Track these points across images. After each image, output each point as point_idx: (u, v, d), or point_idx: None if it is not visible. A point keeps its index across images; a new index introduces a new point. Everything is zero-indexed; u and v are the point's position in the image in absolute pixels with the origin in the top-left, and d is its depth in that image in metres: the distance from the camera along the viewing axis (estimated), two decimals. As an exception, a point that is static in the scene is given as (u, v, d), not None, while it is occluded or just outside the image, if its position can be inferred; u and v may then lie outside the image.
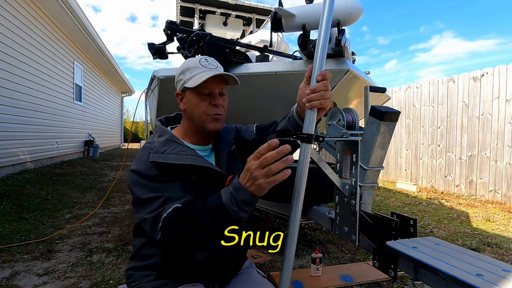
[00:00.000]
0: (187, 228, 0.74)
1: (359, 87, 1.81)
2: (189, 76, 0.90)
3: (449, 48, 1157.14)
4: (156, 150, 0.86)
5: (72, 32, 7.19)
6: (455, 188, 4.85)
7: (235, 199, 0.70)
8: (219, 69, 0.94)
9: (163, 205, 0.78)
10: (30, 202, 3.53)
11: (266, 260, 2.15)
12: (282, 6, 1.45)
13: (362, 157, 1.39)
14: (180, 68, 0.95)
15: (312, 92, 0.79)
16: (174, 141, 0.90)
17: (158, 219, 0.76)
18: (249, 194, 0.69)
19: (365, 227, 0.98)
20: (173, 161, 0.83)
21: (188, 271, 0.88)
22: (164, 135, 0.92)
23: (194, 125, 0.94)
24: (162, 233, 0.76)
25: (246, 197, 0.69)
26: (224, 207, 0.71)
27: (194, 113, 0.92)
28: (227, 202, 0.71)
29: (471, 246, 2.53)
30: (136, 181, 0.84)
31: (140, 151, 0.91)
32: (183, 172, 0.84)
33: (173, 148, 0.87)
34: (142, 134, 21.64)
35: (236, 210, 0.70)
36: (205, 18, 4.53)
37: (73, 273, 1.92)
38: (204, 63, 0.92)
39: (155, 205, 0.78)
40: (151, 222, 0.78)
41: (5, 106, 4.75)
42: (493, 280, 0.67)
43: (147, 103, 3.50)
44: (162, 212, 0.76)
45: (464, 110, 4.75)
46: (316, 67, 0.80)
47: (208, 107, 0.90)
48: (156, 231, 0.76)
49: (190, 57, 1.01)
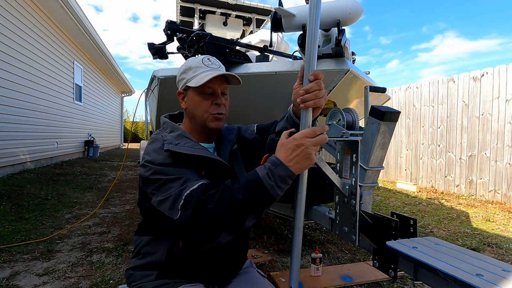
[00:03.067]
0: (215, 206, 0.72)
1: (359, 87, 1.81)
2: (192, 75, 0.91)
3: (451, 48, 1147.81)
4: (170, 142, 0.86)
5: (72, 32, 7.19)
6: (455, 188, 4.85)
7: (273, 174, 0.71)
8: (222, 69, 0.94)
9: (184, 184, 0.77)
10: (30, 202, 3.54)
11: (266, 260, 2.15)
12: (282, 6, 1.45)
13: (362, 157, 1.39)
14: (182, 67, 0.95)
15: (306, 92, 0.79)
16: (186, 136, 0.90)
17: (179, 197, 0.74)
18: (288, 170, 0.71)
19: (365, 227, 0.98)
20: (187, 152, 0.83)
21: (189, 271, 0.89)
22: (176, 130, 0.92)
23: (196, 123, 0.94)
24: (182, 211, 0.73)
25: (285, 173, 0.71)
26: (261, 181, 0.71)
27: (196, 112, 0.92)
28: (265, 177, 0.71)
29: (471, 246, 2.53)
30: (154, 170, 0.82)
31: (151, 143, 0.90)
32: (193, 164, 0.84)
33: (185, 142, 0.87)
34: (142, 134, 21.64)
35: (273, 185, 0.71)
36: (205, 18, 4.53)
37: (73, 273, 1.92)
38: (206, 62, 0.93)
39: (176, 185, 0.77)
40: (171, 201, 0.75)
41: (5, 106, 4.75)
42: (493, 280, 0.67)
43: (147, 103, 3.50)
44: (184, 190, 0.75)
45: (464, 110, 4.75)
46: (308, 67, 0.80)
47: (210, 106, 0.91)
48: (175, 210, 0.74)
49: (191, 57, 1.00)
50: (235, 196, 0.72)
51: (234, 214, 0.72)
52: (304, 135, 0.74)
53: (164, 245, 0.88)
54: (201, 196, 0.74)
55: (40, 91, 5.99)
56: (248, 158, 1.06)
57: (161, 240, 0.89)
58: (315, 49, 0.80)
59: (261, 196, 0.72)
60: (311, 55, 0.80)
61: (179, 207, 0.74)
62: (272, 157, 0.74)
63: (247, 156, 1.06)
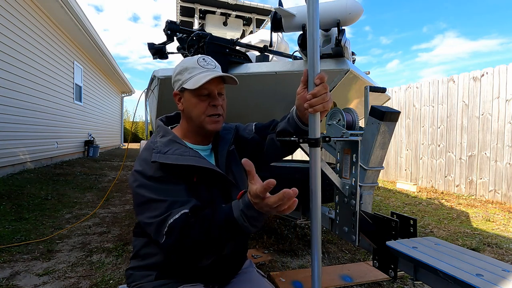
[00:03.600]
0: (196, 236, 0.74)
1: (359, 87, 1.81)
2: (187, 77, 0.89)
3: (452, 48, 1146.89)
4: (158, 150, 0.85)
5: (72, 32, 7.19)
6: (455, 188, 4.85)
7: (246, 216, 0.71)
8: (218, 69, 0.93)
9: (169, 209, 0.77)
10: (30, 202, 3.53)
11: (266, 260, 2.15)
12: (282, 6, 1.45)
13: (362, 157, 1.39)
14: (177, 68, 0.93)
15: (313, 96, 0.78)
16: (177, 142, 0.89)
17: (163, 224, 0.76)
18: (259, 213, 0.71)
19: (365, 227, 0.98)
20: (174, 162, 0.82)
21: (188, 272, 0.88)
22: (167, 135, 0.91)
23: (193, 125, 0.93)
24: (167, 237, 0.75)
25: (257, 215, 0.71)
26: (235, 222, 0.72)
27: (193, 114, 0.91)
28: (239, 218, 0.72)
29: (471, 246, 2.53)
30: (141, 183, 0.83)
31: (143, 151, 0.90)
32: (184, 173, 0.84)
33: (175, 148, 0.86)
34: (142, 134, 21.64)
35: (247, 226, 0.72)
36: (205, 18, 4.53)
37: (73, 273, 1.92)
38: (202, 63, 0.91)
39: (161, 209, 0.78)
40: (156, 226, 0.77)
41: (5, 106, 4.75)
42: (493, 280, 0.67)
43: (147, 103, 3.50)
44: (168, 217, 0.76)
45: (464, 110, 4.75)
46: (312, 71, 0.80)
47: (207, 108, 0.90)
48: (161, 235, 0.76)
49: (185, 58, 0.99)
50: (213, 233, 0.74)
51: (213, 246, 0.75)
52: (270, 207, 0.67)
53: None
54: (182, 226, 0.75)
55: (40, 91, 5.98)
56: (247, 158, 1.05)
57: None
58: (317, 52, 0.80)
59: (237, 232, 0.74)
60: (314, 58, 0.79)
61: (164, 232, 0.76)
62: (246, 197, 0.72)
63: (246, 156, 1.05)
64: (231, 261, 0.96)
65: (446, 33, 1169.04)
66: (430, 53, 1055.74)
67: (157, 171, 0.82)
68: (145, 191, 0.81)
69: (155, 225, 0.77)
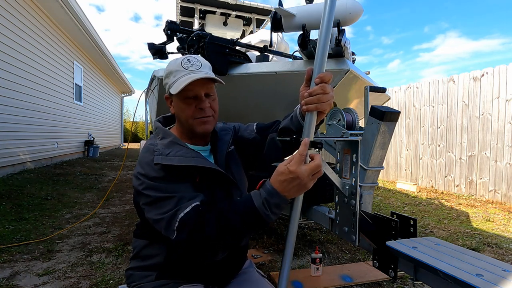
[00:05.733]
0: (211, 229, 0.73)
1: (359, 87, 1.81)
2: (172, 81, 0.88)
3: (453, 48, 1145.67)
4: (160, 152, 0.84)
5: (72, 32, 7.19)
6: (455, 188, 4.85)
7: (269, 204, 0.71)
8: (203, 69, 0.89)
9: (178, 204, 0.77)
10: (30, 202, 3.53)
11: (266, 260, 2.15)
12: (282, 6, 1.45)
13: (362, 157, 1.39)
14: (165, 71, 0.92)
15: (309, 95, 0.78)
16: (178, 143, 0.88)
17: (174, 219, 0.75)
18: (284, 199, 0.72)
19: (365, 227, 0.98)
20: (178, 163, 0.82)
21: (189, 272, 0.88)
22: (167, 137, 0.90)
23: (184, 128, 0.93)
24: (178, 233, 0.74)
25: (281, 201, 0.72)
26: (257, 211, 0.72)
27: (181, 117, 0.91)
28: (260, 207, 0.72)
29: (471, 246, 2.53)
30: (147, 185, 0.82)
31: (144, 153, 0.89)
32: (186, 174, 0.84)
33: (177, 150, 0.85)
34: (142, 134, 21.64)
35: (268, 214, 0.72)
36: (205, 18, 4.53)
37: (73, 273, 1.92)
38: (186, 64, 0.87)
39: (170, 205, 0.77)
40: (166, 221, 0.76)
41: (5, 106, 4.75)
42: (493, 280, 0.67)
43: (147, 103, 3.50)
44: (178, 211, 0.75)
45: (464, 110, 4.75)
46: (315, 69, 0.79)
47: (194, 111, 0.88)
48: (171, 230, 0.75)
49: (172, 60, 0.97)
50: (232, 225, 0.73)
51: (231, 238, 0.75)
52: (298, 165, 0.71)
53: (162, 248, 0.88)
54: (195, 220, 0.74)
55: (40, 91, 5.98)
56: (247, 158, 1.05)
57: (158, 244, 0.89)
58: (325, 51, 0.79)
59: (257, 223, 0.74)
60: (321, 57, 0.78)
61: (174, 227, 0.75)
62: (268, 185, 0.73)
63: (246, 156, 1.05)
64: (231, 261, 0.96)
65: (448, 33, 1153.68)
66: (432, 53, 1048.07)
67: (161, 171, 0.82)
68: (151, 191, 0.80)
69: (165, 221, 0.76)
